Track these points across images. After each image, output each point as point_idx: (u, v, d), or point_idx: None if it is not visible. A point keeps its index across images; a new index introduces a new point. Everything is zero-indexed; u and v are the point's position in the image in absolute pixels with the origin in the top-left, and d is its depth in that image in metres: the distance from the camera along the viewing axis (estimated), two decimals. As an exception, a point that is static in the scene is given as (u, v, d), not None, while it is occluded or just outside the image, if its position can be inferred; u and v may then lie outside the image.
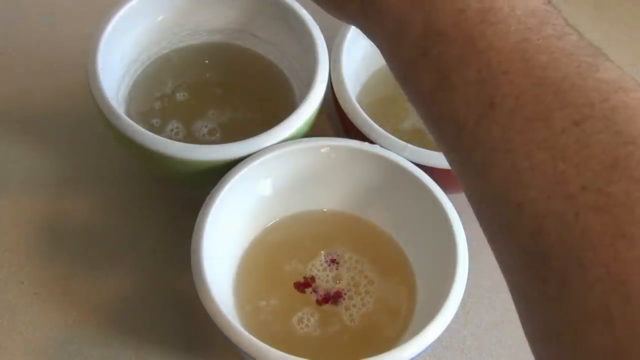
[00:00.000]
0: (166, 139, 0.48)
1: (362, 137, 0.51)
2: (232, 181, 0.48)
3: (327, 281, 0.50)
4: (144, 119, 0.55)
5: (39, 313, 0.51)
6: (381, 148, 0.50)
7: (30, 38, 0.63)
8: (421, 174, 0.49)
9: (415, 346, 0.43)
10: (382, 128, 0.51)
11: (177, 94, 0.57)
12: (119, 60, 0.54)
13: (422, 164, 0.50)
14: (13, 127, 0.59)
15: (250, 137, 0.49)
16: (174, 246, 0.53)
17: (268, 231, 0.52)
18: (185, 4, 0.57)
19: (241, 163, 0.49)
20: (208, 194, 0.48)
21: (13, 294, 0.52)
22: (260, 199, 0.51)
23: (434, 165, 0.50)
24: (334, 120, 0.56)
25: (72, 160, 0.57)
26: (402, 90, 0.31)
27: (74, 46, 0.61)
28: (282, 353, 0.42)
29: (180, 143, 0.48)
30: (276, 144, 0.49)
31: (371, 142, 0.51)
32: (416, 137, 0.54)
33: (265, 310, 0.49)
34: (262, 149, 0.49)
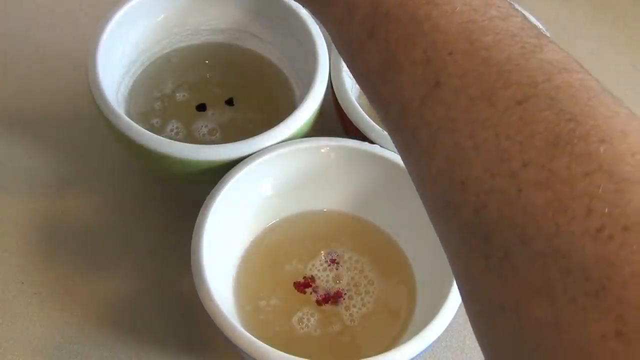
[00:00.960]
0: (166, 139, 0.48)
1: (362, 137, 0.51)
2: (232, 181, 0.48)
3: (327, 281, 0.50)
4: (144, 119, 0.55)
5: (39, 313, 0.51)
6: (381, 148, 0.50)
7: (30, 38, 0.63)
8: (421, 174, 0.49)
9: (415, 346, 0.43)
10: (382, 128, 0.51)
11: (177, 94, 0.57)
12: (119, 60, 0.54)
13: (422, 164, 0.50)
14: (13, 127, 0.59)
15: (250, 137, 0.49)
16: (174, 246, 0.53)
17: (268, 231, 0.52)
18: (186, 4, 0.57)
19: (241, 163, 0.49)
20: (208, 194, 0.48)
21: (13, 294, 0.52)
22: (261, 199, 0.51)
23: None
24: (334, 120, 0.56)
25: (72, 160, 0.57)
26: (349, 71, 0.31)
27: (74, 46, 0.61)
28: (282, 353, 0.42)
29: (180, 143, 0.48)
30: (276, 144, 0.49)
31: (371, 142, 0.51)
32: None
33: (265, 310, 0.49)
34: (262, 149, 0.49)
